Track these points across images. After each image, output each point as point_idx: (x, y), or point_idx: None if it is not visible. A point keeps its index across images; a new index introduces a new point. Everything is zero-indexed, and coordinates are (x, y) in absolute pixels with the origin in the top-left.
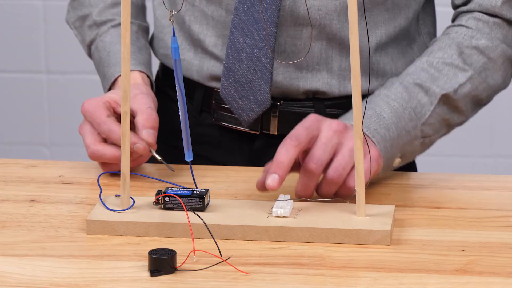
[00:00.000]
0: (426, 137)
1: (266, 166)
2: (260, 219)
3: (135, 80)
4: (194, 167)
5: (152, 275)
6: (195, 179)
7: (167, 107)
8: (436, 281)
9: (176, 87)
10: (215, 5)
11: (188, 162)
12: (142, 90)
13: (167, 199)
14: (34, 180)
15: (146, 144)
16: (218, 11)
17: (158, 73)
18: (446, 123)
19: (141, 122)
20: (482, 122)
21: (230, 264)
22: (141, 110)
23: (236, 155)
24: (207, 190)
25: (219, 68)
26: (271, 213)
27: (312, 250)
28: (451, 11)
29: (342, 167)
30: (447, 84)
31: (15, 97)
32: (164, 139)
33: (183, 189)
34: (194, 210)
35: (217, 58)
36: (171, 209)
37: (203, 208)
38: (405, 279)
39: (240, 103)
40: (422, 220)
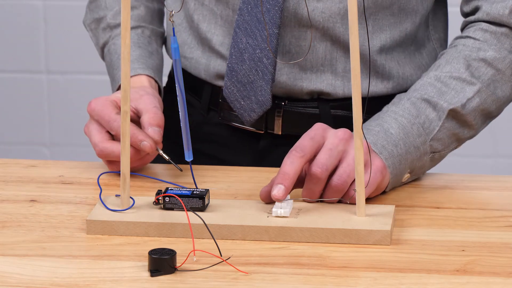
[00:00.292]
0: (435, 152)
1: (273, 178)
2: (260, 219)
3: (142, 83)
4: (195, 167)
5: (152, 275)
6: (195, 179)
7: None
8: (436, 281)
9: (176, 87)
10: (223, 4)
11: (188, 162)
12: (148, 91)
13: (167, 199)
14: (34, 180)
15: (153, 142)
16: (226, 10)
17: (170, 72)
18: (455, 137)
19: (147, 120)
20: None
21: (230, 264)
22: (146, 109)
23: (242, 154)
24: (207, 190)
25: (225, 67)
26: (271, 213)
27: (312, 250)
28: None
29: (347, 175)
30: (455, 98)
31: (15, 97)
32: (170, 136)
33: (183, 189)
34: (194, 210)
35: (223, 57)
36: (171, 209)
37: (203, 208)
38: (405, 279)
39: (242, 103)
40: (422, 220)
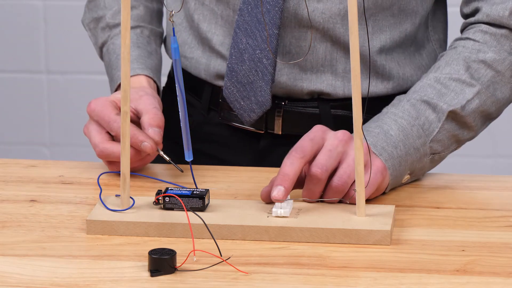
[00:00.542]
0: (435, 153)
1: (272, 178)
2: (260, 219)
3: (140, 83)
4: (195, 167)
5: (152, 275)
6: (195, 179)
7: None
8: (436, 281)
9: (176, 87)
10: (223, 4)
11: (188, 162)
12: (147, 92)
13: (167, 199)
14: (34, 180)
15: (153, 142)
16: (226, 10)
17: (170, 73)
18: (455, 139)
19: (147, 120)
20: None
21: (230, 264)
22: (146, 110)
23: (242, 154)
24: (207, 190)
25: (225, 67)
26: (271, 213)
27: (312, 250)
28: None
29: (347, 175)
30: (454, 100)
31: (15, 97)
32: (171, 136)
33: (183, 189)
34: (194, 210)
35: (224, 57)
36: (171, 209)
37: (203, 208)
38: (405, 279)
39: (241, 103)
40: (422, 220)
